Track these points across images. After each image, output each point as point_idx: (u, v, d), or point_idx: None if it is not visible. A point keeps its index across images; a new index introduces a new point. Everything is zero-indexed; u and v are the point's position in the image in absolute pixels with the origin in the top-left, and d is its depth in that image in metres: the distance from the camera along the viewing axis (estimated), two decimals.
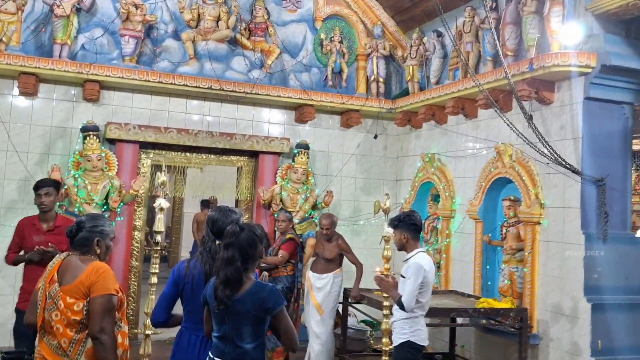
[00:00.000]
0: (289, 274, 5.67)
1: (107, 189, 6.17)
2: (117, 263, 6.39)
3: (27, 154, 6.18)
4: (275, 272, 5.65)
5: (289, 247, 5.64)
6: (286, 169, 7.29)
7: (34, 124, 6.26)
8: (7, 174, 6.09)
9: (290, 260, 5.70)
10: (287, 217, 5.82)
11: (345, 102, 7.35)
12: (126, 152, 6.54)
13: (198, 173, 9.90)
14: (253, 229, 2.49)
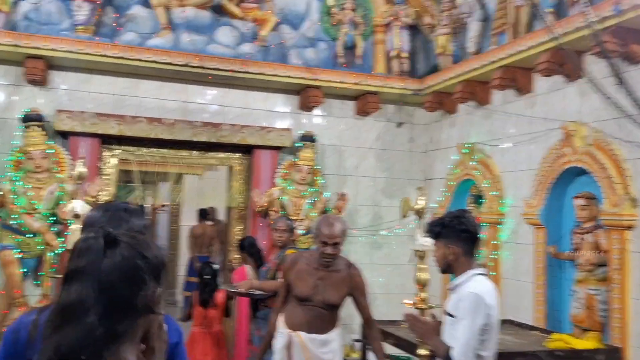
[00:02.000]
0: None
1: (54, 195, 5.01)
2: None
3: None
4: (274, 302, 4.40)
5: None
6: (288, 168, 6.12)
7: None
8: None
9: None
10: (287, 225, 4.60)
11: (360, 83, 6.13)
12: (83, 148, 5.41)
13: (194, 178, 8.73)
14: (138, 244, 1.15)
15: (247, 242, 5.09)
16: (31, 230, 4.89)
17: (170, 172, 6.42)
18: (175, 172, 6.14)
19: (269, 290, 4.36)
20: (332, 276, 3.36)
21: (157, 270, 1.10)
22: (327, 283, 3.34)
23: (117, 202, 1.86)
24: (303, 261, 3.44)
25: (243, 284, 4.38)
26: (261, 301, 4.46)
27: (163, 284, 1.12)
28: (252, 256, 5.05)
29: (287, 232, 4.61)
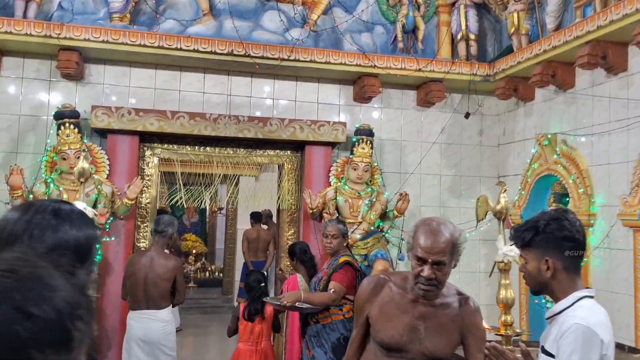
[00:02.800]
0: (346, 317, 3.94)
1: (91, 198, 4.74)
2: (112, 299, 4.93)
3: None
4: (326, 317, 3.94)
5: (344, 276, 3.94)
6: (342, 165, 5.67)
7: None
8: None
9: (348, 297, 3.96)
10: (338, 230, 4.11)
11: (422, 70, 5.59)
12: (121, 146, 5.13)
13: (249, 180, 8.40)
14: (20, 290, 0.58)
15: (298, 248, 4.65)
16: None
17: (225, 174, 6.07)
18: (229, 172, 5.78)
19: (318, 304, 3.89)
20: (438, 314, 2.23)
21: (56, 336, 0.63)
22: (429, 325, 2.22)
23: (45, 202, 1.26)
24: (391, 289, 2.25)
25: (287, 297, 3.92)
26: (311, 316, 3.99)
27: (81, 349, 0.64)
28: (304, 264, 4.61)
29: (338, 237, 4.12)
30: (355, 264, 4.04)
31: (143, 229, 5.37)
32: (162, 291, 4.27)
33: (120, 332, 4.97)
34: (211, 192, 5.63)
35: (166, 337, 4.30)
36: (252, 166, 7.73)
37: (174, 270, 4.31)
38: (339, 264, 4.01)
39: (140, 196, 5.28)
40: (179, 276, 4.39)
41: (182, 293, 4.44)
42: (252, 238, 8.00)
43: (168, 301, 4.31)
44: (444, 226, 2.18)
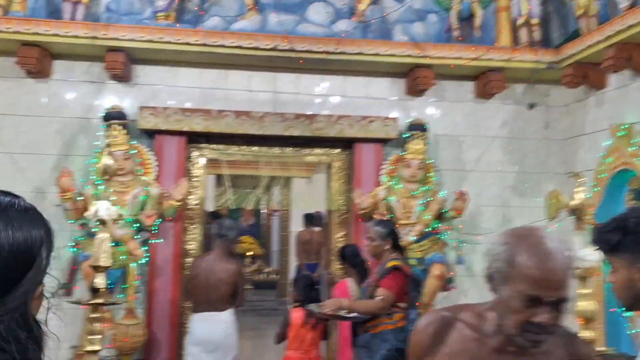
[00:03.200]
0: (397, 327, 3.71)
1: (138, 200, 4.76)
2: (161, 304, 4.94)
3: (41, 157, 5.00)
4: (374, 326, 3.72)
5: (392, 282, 3.71)
6: (394, 163, 5.44)
7: (47, 116, 5.10)
8: (17, 185, 4.90)
9: (399, 305, 3.73)
10: (376, 232, 3.89)
11: (480, 58, 5.28)
12: (168, 147, 5.14)
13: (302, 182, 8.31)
14: None
15: (348, 251, 4.46)
16: (114, 238, 4.65)
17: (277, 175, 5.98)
18: (279, 174, 5.67)
19: (363, 312, 3.67)
20: None
21: None
22: None
23: None
24: (461, 333, 1.54)
25: (328, 304, 3.73)
26: (360, 325, 3.79)
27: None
28: (355, 268, 4.41)
29: (376, 240, 3.89)
30: (405, 268, 3.80)
31: (191, 230, 5.34)
32: (222, 294, 4.31)
33: (171, 336, 4.96)
34: (259, 193, 5.54)
35: (228, 338, 4.33)
36: (304, 167, 7.67)
37: (235, 274, 4.36)
38: (386, 270, 3.79)
39: (187, 198, 5.25)
40: (239, 279, 4.42)
41: (243, 296, 4.49)
42: (305, 240, 7.95)
43: (229, 304, 4.36)
44: (556, 244, 1.46)
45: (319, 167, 8.60)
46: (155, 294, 4.99)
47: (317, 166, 8.56)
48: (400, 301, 3.74)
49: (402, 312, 3.75)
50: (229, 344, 4.36)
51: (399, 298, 3.72)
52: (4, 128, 4.94)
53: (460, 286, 5.43)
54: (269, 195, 6.52)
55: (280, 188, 8.38)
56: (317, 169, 8.60)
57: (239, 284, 4.38)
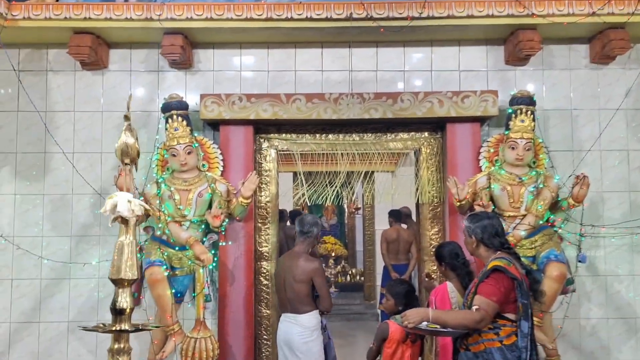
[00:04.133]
0: (505, 345, 3.03)
1: (204, 198, 4.37)
2: (235, 314, 4.56)
3: (99, 156, 4.74)
4: (477, 343, 3.07)
5: (493, 287, 3.03)
6: (496, 145, 4.77)
7: (105, 111, 4.86)
8: (75, 188, 4.69)
9: (507, 316, 3.06)
10: (464, 229, 3.25)
11: (598, 13, 4.46)
12: (235, 139, 4.75)
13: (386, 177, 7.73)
14: None
15: (447, 251, 3.83)
16: (178, 241, 4.29)
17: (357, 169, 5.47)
18: (359, 169, 5.14)
19: (455, 325, 3.01)
20: None
21: None
22: None
23: None
24: None
25: (410, 315, 3.07)
26: (460, 342, 3.15)
27: None
28: (455, 270, 3.78)
29: (468, 237, 3.24)
30: (510, 269, 3.09)
31: (264, 231, 4.91)
32: (298, 294, 4.09)
33: (246, 348, 4.56)
34: (338, 189, 5.01)
35: (304, 345, 4.05)
36: (387, 160, 7.09)
37: (310, 272, 4.09)
38: (485, 272, 3.12)
39: (258, 194, 4.83)
40: (317, 279, 4.11)
41: (326, 298, 4.15)
42: (391, 239, 7.51)
43: (309, 306, 4.12)
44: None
45: (403, 159, 8.09)
46: (228, 302, 4.60)
47: (401, 157, 8.00)
48: (507, 311, 3.06)
49: (512, 326, 3.07)
50: (306, 350, 4.04)
51: (504, 308, 3.04)
52: (62, 126, 4.72)
53: (581, 288, 4.67)
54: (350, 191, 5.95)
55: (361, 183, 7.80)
56: (402, 161, 8.05)
57: (319, 283, 4.11)
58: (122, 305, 2.45)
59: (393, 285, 4.01)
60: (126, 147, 2.68)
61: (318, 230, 4.25)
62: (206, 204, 4.44)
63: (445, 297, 3.74)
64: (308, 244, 4.23)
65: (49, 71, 4.77)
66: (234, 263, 4.64)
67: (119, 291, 2.46)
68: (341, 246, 12.24)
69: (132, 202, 2.51)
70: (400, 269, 7.24)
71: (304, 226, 4.22)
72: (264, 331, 4.80)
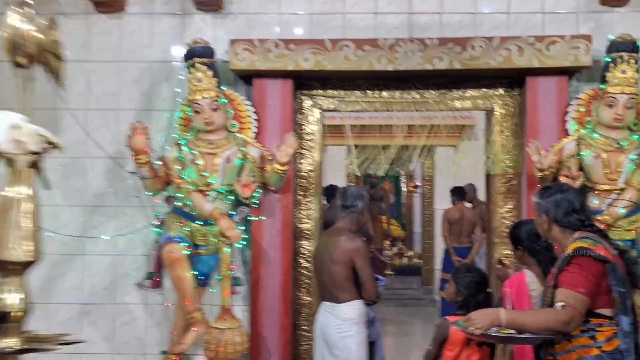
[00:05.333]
0: (605, 352, 2.34)
1: (233, 163, 3.83)
2: (270, 301, 4.04)
3: (115, 113, 4.26)
4: (567, 351, 2.38)
5: (579, 276, 2.32)
6: (587, 103, 4.05)
7: (122, 61, 4.36)
8: (90, 152, 4.22)
9: (601, 312, 2.37)
10: (536, 205, 2.62)
11: None
12: (271, 95, 4.19)
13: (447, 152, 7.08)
14: None
15: (524, 232, 3.17)
16: (202, 214, 3.78)
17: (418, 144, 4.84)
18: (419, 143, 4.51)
19: (536, 329, 2.32)
20: None
21: None
22: None
23: None
24: None
25: (477, 318, 2.39)
26: (544, 349, 2.47)
27: None
28: (535, 256, 3.12)
29: (541, 216, 2.60)
30: (598, 250, 2.39)
31: (305, 205, 4.35)
32: (336, 278, 3.57)
33: (282, 340, 4.05)
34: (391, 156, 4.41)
35: (341, 341, 3.54)
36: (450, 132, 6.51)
37: (349, 252, 3.55)
38: (565, 258, 2.44)
39: (298, 162, 4.27)
40: (359, 261, 3.55)
41: (370, 285, 3.59)
42: (454, 219, 7.13)
43: (349, 293, 3.60)
44: None
45: (468, 133, 7.45)
46: (262, 287, 4.08)
47: (465, 130, 7.33)
48: (599, 306, 2.38)
49: (610, 324, 2.38)
50: (343, 347, 3.52)
51: (595, 301, 2.36)
52: (74, 79, 4.19)
53: None
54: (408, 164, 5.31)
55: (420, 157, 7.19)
56: (467, 135, 7.46)
57: (360, 266, 3.56)
58: (4, 307, 1.58)
59: (460, 272, 3.35)
60: (17, 35, 1.65)
61: (364, 204, 3.70)
62: (235, 170, 3.90)
63: (523, 289, 3.08)
64: (351, 221, 3.70)
65: (59, 14, 4.29)
66: (269, 241, 4.10)
67: (4, 277, 1.62)
68: (398, 226, 11.88)
69: (20, 128, 1.61)
70: (463, 252, 6.93)
71: (347, 199, 3.70)
72: (303, 321, 4.25)
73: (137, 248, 4.12)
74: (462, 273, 3.30)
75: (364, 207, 3.69)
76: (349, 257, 3.51)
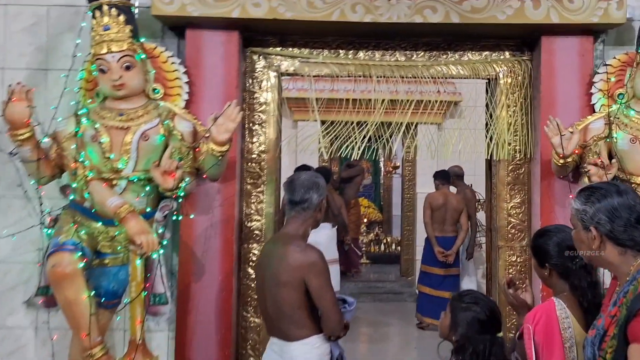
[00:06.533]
0: None
1: (153, 142, 2.84)
2: (205, 320, 3.12)
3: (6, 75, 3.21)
4: None
5: None
6: (618, 71, 3.24)
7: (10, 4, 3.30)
8: None
9: None
10: (578, 215, 1.86)
11: None
12: (209, 51, 3.26)
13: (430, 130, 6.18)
14: None
15: (554, 244, 2.32)
16: (104, 211, 2.77)
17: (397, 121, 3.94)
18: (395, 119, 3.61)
19: None
20: None
21: None
22: None
23: None
24: None
25: None
26: None
27: None
28: (569, 277, 2.26)
29: (580, 229, 1.87)
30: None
31: (255, 197, 3.38)
32: (283, 308, 2.53)
33: None
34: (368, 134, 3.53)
35: None
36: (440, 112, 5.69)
37: (300, 269, 2.49)
38: (638, 297, 1.64)
39: (248, 140, 3.30)
40: (315, 280, 2.49)
41: (332, 314, 2.52)
42: (437, 205, 6.51)
43: (304, 328, 2.56)
44: None
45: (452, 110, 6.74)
46: (192, 307, 3.12)
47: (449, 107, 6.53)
48: None
49: None
50: None
51: None
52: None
53: None
54: (385, 144, 4.37)
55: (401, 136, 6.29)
56: (450, 112, 6.71)
57: (318, 290, 2.50)
58: None
59: (461, 301, 2.38)
60: None
61: (320, 195, 2.62)
62: (155, 151, 2.93)
63: (552, 327, 2.20)
64: (303, 222, 2.62)
65: None
66: (204, 246, 3.15)
67: None
68: (375, 209, 11.35)
69: None
70: (447, 242, 6.38)
71: (295, 192, 2.60)
72: (250, 351, 3.29)
73: (26, 253, 3.10)
74: (462, 302, 2.35)
75: (321, 199, 2.63)
76: (300, 277, 2.47)
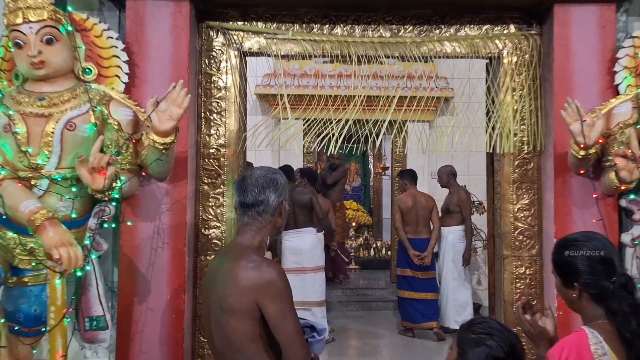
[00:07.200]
0: None
1: (81, 133, 2.32)
2: (150, 347, 2.57)
3: None
4: None
5: None
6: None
7: None
8: None
9: None
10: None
11: None
12: (155, 23, 2.72)
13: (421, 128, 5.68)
14: None
15: (583, 258, 1.79)
16: (18, 217, 2.22)
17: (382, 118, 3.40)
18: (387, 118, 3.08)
19: None
20: None
21: None
22: None
23: None
24: None
25: None
26: None
27: None
28: (605, 301, 1.71)
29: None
30: None
31: (213, 198, 2.83)
32: (232, 340, 1.92)
33: None
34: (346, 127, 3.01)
35: None
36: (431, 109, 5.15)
37: (254, 290, 1.87)
38: None
39: (205, 132, 2.75)
40: (271, 306, 1.87)
41: (295, 348, 1.90)
42: (406, 208, 6.31)
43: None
44: None
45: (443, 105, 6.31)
46: (136, 333, 2.56)
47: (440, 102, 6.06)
48: None
49: None
50: None
51: None
52: None
53: None
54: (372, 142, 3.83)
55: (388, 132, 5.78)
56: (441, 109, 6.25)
57: (276, 317, 1.88)
58: None
59: (472, 331, 1.77)
60: None
61: (280, 195, 1.99)
62: (85, 144, 2.39)
63: (582, 355, 1.64)
64: (259, 230, 1.99)
65: None
66: (149, 259, 2.58)
67: None
68: (364, 213, 10.85)
69: None
70: (421, 244, 6.16)
71: (246, 192, 1.97)
72: None
73: None
74: (473, 334, 1.76)
75: (280, 201, 2.01)
76: (253, 301, 1.85)
